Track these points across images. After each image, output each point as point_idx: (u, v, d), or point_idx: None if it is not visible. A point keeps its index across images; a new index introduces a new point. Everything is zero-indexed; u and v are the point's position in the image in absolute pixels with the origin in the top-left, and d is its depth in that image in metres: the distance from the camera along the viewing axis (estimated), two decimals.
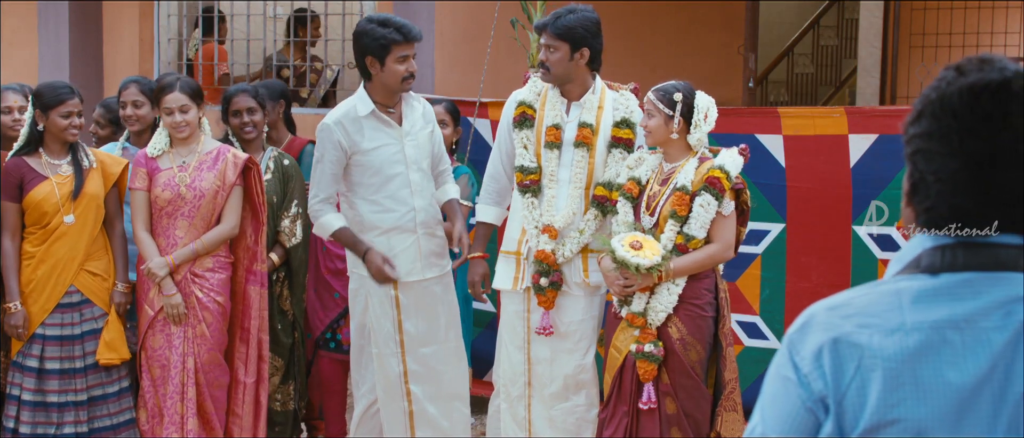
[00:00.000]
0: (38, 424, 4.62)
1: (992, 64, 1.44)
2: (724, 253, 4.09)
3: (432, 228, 4.51)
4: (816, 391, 1.44)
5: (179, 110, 4.61)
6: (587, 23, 4.28)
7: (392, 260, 4.39)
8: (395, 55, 4.31)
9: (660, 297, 4.05)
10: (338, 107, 4.51)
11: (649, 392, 4.06)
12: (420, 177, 4.46)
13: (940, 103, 1.44)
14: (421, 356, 4.52)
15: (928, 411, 1.39)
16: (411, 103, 4.51)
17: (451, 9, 8.20)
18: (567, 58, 4.29)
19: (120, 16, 8.37)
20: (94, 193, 4.68)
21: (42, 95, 4.63)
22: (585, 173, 4.33)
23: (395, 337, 4.49)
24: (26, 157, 4.65)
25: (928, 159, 1.45)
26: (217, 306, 4.68)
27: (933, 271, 1.45)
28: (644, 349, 4.04)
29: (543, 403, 4.43)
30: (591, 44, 4.30)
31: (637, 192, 4.20)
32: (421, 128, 4.49)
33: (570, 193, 4.33)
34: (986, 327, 1.40)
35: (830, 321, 1.46)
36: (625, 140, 4.33)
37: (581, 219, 4.34)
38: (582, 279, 4.35)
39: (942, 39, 8.21)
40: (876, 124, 4.87)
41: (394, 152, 4.41)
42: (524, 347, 4.44)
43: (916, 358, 1.40)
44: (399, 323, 4.49)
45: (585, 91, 4.39)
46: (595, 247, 4.32)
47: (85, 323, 4.68)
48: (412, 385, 4.52)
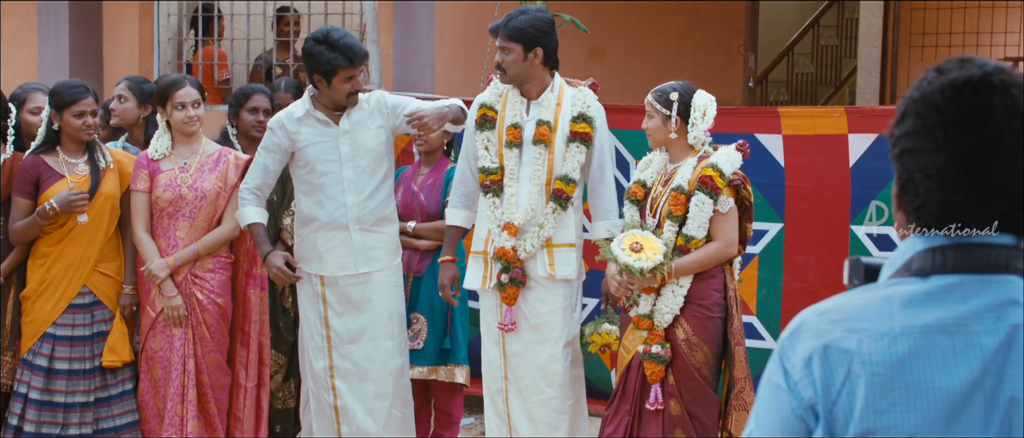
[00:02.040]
0: (44, 423, 4.62)
1: (972, 62, 1.45)
2: (727, 250, 4.08)
3: (370, 225, 4.60)
4: (805, 399, 1.44)
5: (192, 105, 4.64)
6: (538, 23, 4.35)
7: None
8: (341, 77, 4.48)
9: (665, 298, 4.06)
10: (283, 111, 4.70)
11: (656, 393, 4.06)
12: (355, 174, 4.56)
13: (923, 101, 1.45)
14: (348, 352, 4.61)
15: (918, 417, 1.38)
16: (361, 105, 4.61)
17: (451, 9, 8.20)
18: (521, 58, 4.36)
19: (120, 16, 8.38)
20: (110, 193, 4.69)
21: (56, 94, 4.64)
22: (544, 170, 4.39)
23: (321, 331, 4.62)
24: (44, 155, 4.67)
25: (915, 157, 1.45)
26: (217, 307, 4.69)
27: (923, 274, 1.45)
28: (651, 350, 4.04)
29: (520, 396, 4.48)
30: (544, 43, 4.35)
31: (642, 195, 4.21)
32: (366, 128, 4.57)
33: (529, 190, 4.39)
34: (976, 331, 1.40)
35: (820, 327, 1.46)
36: (581, 134, 4.37)
37: (541, 214, 4.39)
38: (548, 273, 4.39)
39: (942, 39, 8.21)
40: (876, 124, 4.87)
41: (328, 150, 4.56)
42: (499, 342, 4.49)
43: (905, 363, 1.40)
44: (325, 319, 4.61)
45: (544, 89, 4.44)
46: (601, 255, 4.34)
47: (96, 324, 4.70)
48: (337, 381, 4.63)
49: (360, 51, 4.51)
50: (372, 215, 4.61)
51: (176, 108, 4.64)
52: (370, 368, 4.61)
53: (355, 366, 4.61)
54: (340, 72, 4.45)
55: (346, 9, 7.92)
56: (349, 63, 4.46)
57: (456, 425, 5.27)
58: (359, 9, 8.00)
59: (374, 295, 4.62)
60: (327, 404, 4.66)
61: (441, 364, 5.08)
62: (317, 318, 4.62)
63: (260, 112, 5.12)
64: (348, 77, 4.48)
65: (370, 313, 4.61)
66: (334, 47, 4.44)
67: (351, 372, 4.62)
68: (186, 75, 4.79)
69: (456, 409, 5.25)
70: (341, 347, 4.61)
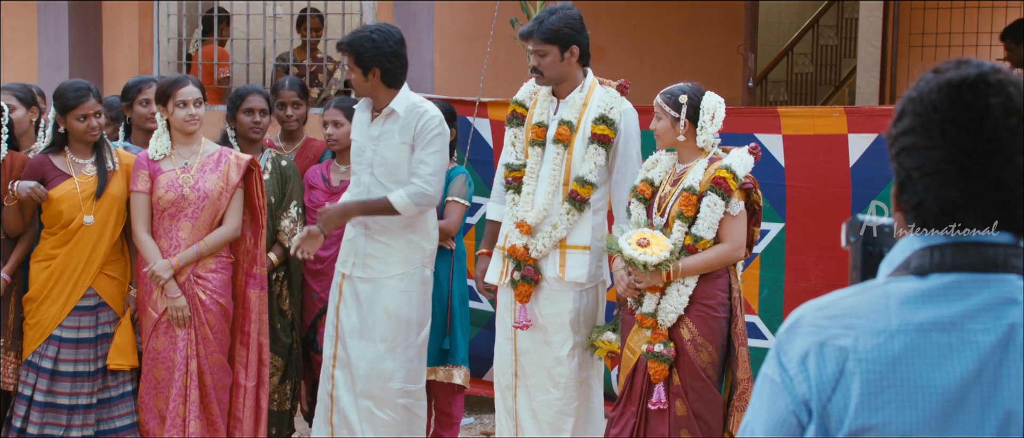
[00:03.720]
0: (47, 425, 4.62)
1: (969, 63, 1.47)
2: (734, 253, 4.08)
3: (373, 232, 4.61)
4: (800, 394, 1.45)
5: (194, 103, 4.63)
6: (570, 21, 4.34)
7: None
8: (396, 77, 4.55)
9: (670, 298, 4.06)
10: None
11: (660, 393, 4.06)
12: (370, 181, 4.57)
13: (920, 100, 1.46)
14: (349, 346, 4.68)
15: (913, 414, 1.39)
16: (395, 117, 4.55)
17: (451, 9, 8.20)
18: (558, 60, 4.36)
19: (120, 16, 8.37)
20: (117, 195, 4.68)
21: (60, 97, 4.63)
22: (562, 170, 4.39)
23: (333, 321, 4.73)
24: (51, 155, 4.67)
25: (913, 155, 1.46)
26: (219, 307, 4.69)
27: (922, 272, 1.45)
28: (654, 349, 4.05)
29: (527, 394, 4.49)
30: (578, 40, 4.35)
31: (650, 193, 4.22)
32: (391, 141, 4.54)
33: (546, 189, 4.39)
34: (973, 329, 1.40)
35: (817, 323, 1.47)
36: (600, 136, 4.35)
37: (556, 215, 4.38)
38: (557, 274, 4.39)
39: (941, 39, 8.21)
40: (876, 124, 4.87)
41: (359, 147, 4.64)
42: (511, 338, 4.52)
43: (901, 361, 1.40)
44: (338, 309, 4.71)
45: (574, 88, 4.42)
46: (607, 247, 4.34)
47: (100, 327, 4.70)
48: (336, 370, 4.72)
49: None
50: (376, 223, 4.61)
51: (178, 106, 4.62)
52: (359, 365, 4.65)
53: (351, 360, 4.67)
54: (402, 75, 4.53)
55: (346, 9, 7.92)
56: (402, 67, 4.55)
57: (456, 425, 5.27)
58: (359, 9, 8.00)
59: (379, 297, 4.63)
60: (326, 391, 4.76)
61: (440, 365, 5.08)
62: (332, 308, 4.73)
63: (256, 113, 5.05)
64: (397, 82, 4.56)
65: (371, 313, 4.64)
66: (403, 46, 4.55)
67: (347, 365, 4.68)
68: (187, 75, 4.78)
69: (456, 409, 5.25)
70: (344, 340, 4.68)
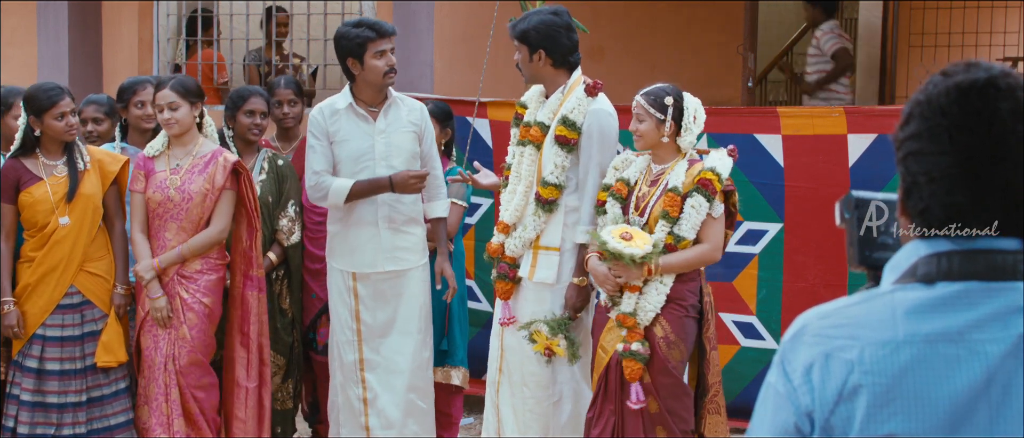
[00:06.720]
0: (37, 424, 4.61)
1: (978, 66, 1.44)
2: (713, 254, 4.12)
3: (399, 224, 4.65)
4: (804, 405, 1.43)
5: (168, 107, 4.59)
6: (543, 26, 4.36)
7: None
8: (372, 51, 4.53)
9: (649, 296, 4.08)
10: (325, 100, 4.74)
11: (637, 392, 4.07)
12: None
13: (928, 104, 1.44)
14: (378, 346, 4.66)
15: (920, 426, 1.37)
16: (397, 104, 4.66)
17: (450, 9, 8.20)
18: (528, 60, 4.41)
19: (119, 16, 8.37)
20: (90, 193, 4.65)
21: (32, 100, 4.59)
22: (533, 171, 4.42)
23: (352, 326, 4.67)
24: (23, 159, 4.64)
25: (920, 160, 1.44)
26: (202, 307, 4.66)
27: (929, 280, 1.43)
28: (631, 348, 4.06)
29: (509, 389, 4.53)
30: (547, 46, 4.36)
31: (626, 192, 4.22)
32: (401, 128, 4.64)
33: (522, 190, 4.43)
34: (981, 339, 1.38)
35: (822, 332, 1.44)
36: (560, 138, 4.34)
37: (528, 215, 4.41)
38: (528, 274, 4.43)
39: (941, 39, 8.21)
40: (875, 124, 4.87)
41: (365, 147, 4.60)
42: (499, 334, 4.56)
43: (908, 372, 1.38)
44: (357, 312, 4.66)
45: (557, 89, 4.44)
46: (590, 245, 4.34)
47: (86, 324, 4.67)
48: (367, 374, 4.68)
49: (388, 25, 4.58)
50: (402, 215, 4.67)
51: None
52: (400, 361, 4.67)
53: (385, 359, 4.66)
54: (370, 46, 4.51)
55: (345, 9, 7.92)
56: (377, 34, 4.53)
57: (456, 425, 5.27)
58: (358, 9, 8.00)
59: (406, 290, 4.68)
60: (356, 397, 4.71)
61: (438, 365, 5.08)
62: (347, 312, 4.68)
63: (257, 114, 5.03)
64: (379, 51, 4.53)
65: (402, 307, 4.68)
66: (360, 24, 4.55)
67: (381, 365, 4.67)
68: (178, 76, 4.76)
69: (455, 410, 5.25)
70: (371, 340, 4.67)
